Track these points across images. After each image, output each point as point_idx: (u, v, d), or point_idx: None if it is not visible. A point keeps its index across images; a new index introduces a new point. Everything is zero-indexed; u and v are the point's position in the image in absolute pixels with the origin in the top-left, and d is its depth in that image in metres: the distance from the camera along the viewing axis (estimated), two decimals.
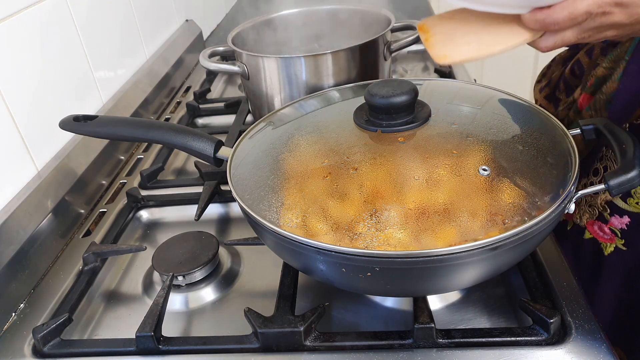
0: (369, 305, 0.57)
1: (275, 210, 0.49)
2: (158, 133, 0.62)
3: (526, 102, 0.60)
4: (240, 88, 1.16)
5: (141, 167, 0.84)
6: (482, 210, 0.45)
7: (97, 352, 0.53)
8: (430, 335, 0.49)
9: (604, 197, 0.66)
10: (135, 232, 0.73)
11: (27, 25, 0.71)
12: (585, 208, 0.70)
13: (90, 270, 0.63)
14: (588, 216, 0.69)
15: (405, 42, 0.84)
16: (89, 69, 0.86)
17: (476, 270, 0.46)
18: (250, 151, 0.58)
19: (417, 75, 1.11)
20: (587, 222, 0.70)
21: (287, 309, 0.52)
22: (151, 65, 1.07)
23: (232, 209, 0.74)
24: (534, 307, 0.50)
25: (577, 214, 0.71)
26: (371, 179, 0.49)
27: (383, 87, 0.54)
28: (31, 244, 0.64)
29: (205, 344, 0.52)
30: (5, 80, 0.66)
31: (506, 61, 2.31)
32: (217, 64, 0.84)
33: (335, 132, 0.57)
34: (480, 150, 0.51)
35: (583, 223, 0.70)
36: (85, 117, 0.64)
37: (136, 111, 0.95)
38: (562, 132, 0.54)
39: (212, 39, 1.47)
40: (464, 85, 0.66)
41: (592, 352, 0.47)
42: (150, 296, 0.62)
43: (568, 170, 0.49)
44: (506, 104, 0.60)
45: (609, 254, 0.68)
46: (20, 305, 0.60)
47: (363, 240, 0.44)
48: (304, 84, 0.80)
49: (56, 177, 0.72)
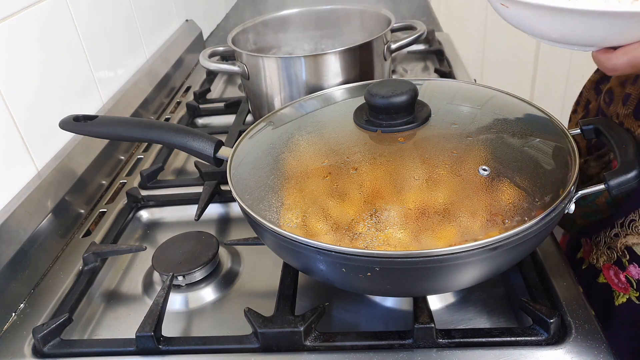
0: (369, 305, 0.57)
1: (275, 210, 0.49)
2: (158, 133, 0.62)
3: (526, 102, 0.60)
4: (240, 88, 1.16)
5: (141, 167, 0.84)
6: (482, 210, 0.45)
7: (97, 352, 0.53)
8: (430, 335, 0.49)
9: (624, 241, 0.61)
10: (135, 232, 0.73)
11: (27, 25, 0.71)
12: (603, 249, 0.65)
13: (90, 270, 0.63)
14: (605, 259, 0.65)
15: (405, 42, 0.84)
16: (89, 69, 0.86)
17: (476, 270, 0.46)
18: (250, 151, 0.58)
19: (417, 75, 1.11)
20: (603, 264, 0.65)
21: (287, 309, 0.52)
22: (151, 65, 1.07)
23: (232, 209, 0.74)
24: (534, 307, 0.50)
25: (594, 254, 0.67)
26: (371, 179, 0.49)
27: (383, 87, 0.54)
28: (31, 244, 0.64)
29: (205, 344, 0.52)
30: (5, 80, 0.66)
31: (506, 61, 2.31)
32: (217, 64, 0.84)
33: (335, 132, 0.57)
34: (480, 150, 0.51)
35: (599, 265, 0.66)
36: (85, 117, 0.64)
37: (136, 111, 0.95)
38: (562, 132, 0.54)
39: (212, 39, 1.47)
40: (464, 85, 0.66)
41: (592, 352, 0.47)
42: (150, 296, 0.62)
43: (568, 170, 0.49)
44: (506, 104, 0.60)
45: (619, 304, 0.63)
46: (20, 305, 0.60)
47: (363, 240, 0.44)
48: (304, 84, 0.80)
49: (56, 177, 0.72)
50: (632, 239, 0.59)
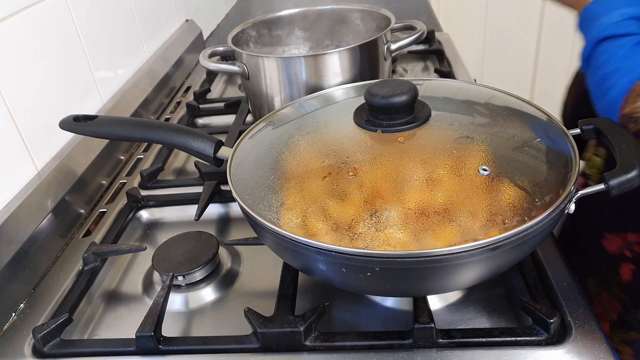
0: (369, 305, 0.57)
1: (275, 210, 0.49)
2: (158, 133, 0.62)
3: (526, 102, 0.60)
4: (240, 88, 1.16)
5: (141, 167, 0.84)
6: (482, 210, 0.45)
7: (97, 352, 0.53)
8: (430, 335, 0.49)
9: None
10: (135, 232, 0.73)
11: (27, 25, 0.71)
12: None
13: (90, 270, 0.63)
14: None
15: (405, 42, 0.84)
16: (89, 69, 0.86)
17: (476, 270, 0.46)
18: (250, 151, 0.58)
19: (417, 75, 1.11)
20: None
21: (287, 309, 0.52)
22: (151, 65, 1.07)
23: (232, 209, 0.74)
24: (534, 307, 0.50)
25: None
26: (371, 179, 0.49)
27: (383, 87, 0.54)
28: (31, 244, 0.64)
29: (205, 344, 0.52)
30: (5, 80, 0.66)
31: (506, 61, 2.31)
32: (217, 64, 0.84)
33: (335, 132, 0.57)
34: (480, 150, 0.51)
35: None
36: (85, 117, 0.64)
37: (136, 111, 0.95)
38: (562, 132, 0.54)
39: (212, 39, 1.47)
40: (464, 85, 0.66)
41: (592, 352, 0.47)
42: (150, 296, 0.62)
43: (568, 170, 0.49)
44: (506, 104, 0.60)
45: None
46: (20, 305, 0.60)
47: (363, 240, 0.44)
48: (304, 84, 0.80)
49: (56, 177, 0.72)
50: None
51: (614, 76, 0.57)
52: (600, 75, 0.58)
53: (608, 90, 0.57)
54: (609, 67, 0.57)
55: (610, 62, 0.57)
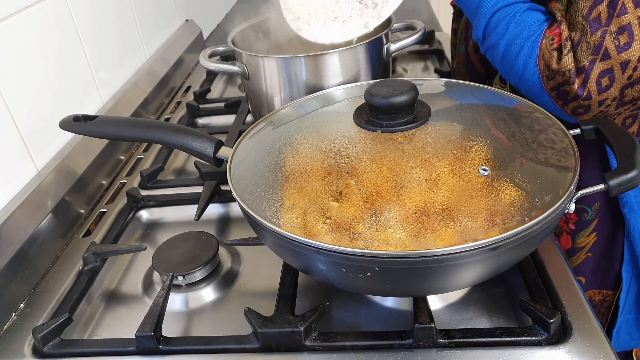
0: (369, 305, 0.57)
1: (275, 210, 0.49)
2: (158, 133, 0.62)
3: (526, 102, 0.60)
4: (240, 88, 1.16)
5: (141, 167, 0.84)
6: (482, 210, 0.45)
7: (97, 352, 0.53)
8: (430, 335, 0.49)
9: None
10: (135, 232, 0.73)
11: (27, 25, 0.71)
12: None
13: (90, 270, 0.63)
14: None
15: (405, 42, 0.84)
16: (89, 69, 0.86)
17: (476, 270, 0.46)
18: (250, 151, 0.58)
19: (417, 75, 1.11)
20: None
21: (287, 309, 0.52)
22: (151, 65, 1.07)
23: (232, 209, 0.74)
24: (534, 307, 0.50)
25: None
26: (371, 179, 0.49)
27: (383, 87, 0.54)
28: (31, 244, 0.64)
29: (205, 344, 0.52)
30: (5, 80, 0.66)
31: None
32: (217, 64, 0.84)
33: (335, 132, 0.57)
34: (480, 150, 0.51)
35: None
36: (85, 117, 0.64)
37: (136, 111, 0.95)
38: (562, 132, 0.54)
39: (212, 39, 1.47)
40: (464, 85, 0.66)
41: (592, 352, 0.47)
42: (150, 296, 0.62)
43: (568, 170, 0.49)
44: (506, 104, 0.60)
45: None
46: (20, 305, 0.60)
47: (363, 240, 0.44)
48: (304, 84, 0.80)
49: (56, 177, 0.72)
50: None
51: (519, 38, 0.62)
52: (506, 42, 0.64)
53: (518, 53, 0.63)
54: (511, 33, 0.63)
55: (510, 29, 0.63)
